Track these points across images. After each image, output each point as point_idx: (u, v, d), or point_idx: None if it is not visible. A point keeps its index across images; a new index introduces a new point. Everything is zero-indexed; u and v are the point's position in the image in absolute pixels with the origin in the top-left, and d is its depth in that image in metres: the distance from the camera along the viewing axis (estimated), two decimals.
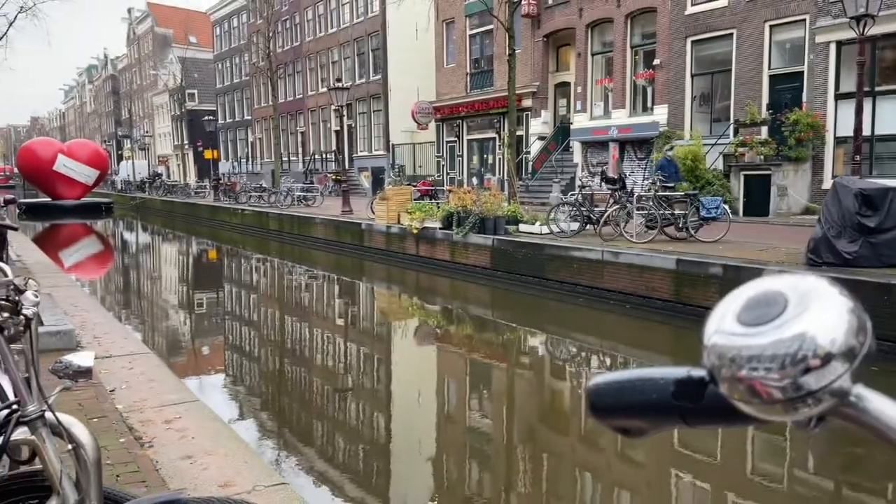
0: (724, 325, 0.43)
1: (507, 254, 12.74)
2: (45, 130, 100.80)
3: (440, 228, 14.49)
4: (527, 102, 22.91)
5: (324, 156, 37.23)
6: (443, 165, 27.67)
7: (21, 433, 1.38)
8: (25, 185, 39.55)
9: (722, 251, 10.12)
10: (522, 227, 13.43)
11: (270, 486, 3.21)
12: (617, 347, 9.41)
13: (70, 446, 1.43)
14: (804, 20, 15.71)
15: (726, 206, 11.93)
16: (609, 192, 12.45)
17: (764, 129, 16.27)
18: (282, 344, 10.24)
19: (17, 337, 1.42)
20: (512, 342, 10.06)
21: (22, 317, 1.40)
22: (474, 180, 25.30)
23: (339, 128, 31.52)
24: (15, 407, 1.38)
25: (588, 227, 12.57)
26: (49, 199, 35.16)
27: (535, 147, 23.11)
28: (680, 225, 11.69)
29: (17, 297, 1.38)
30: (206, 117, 39.71)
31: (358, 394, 7.52)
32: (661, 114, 18.95)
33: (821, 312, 0.41)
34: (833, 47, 15.08)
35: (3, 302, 1.38)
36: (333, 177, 32.01)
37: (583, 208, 12.70)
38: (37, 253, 13.29)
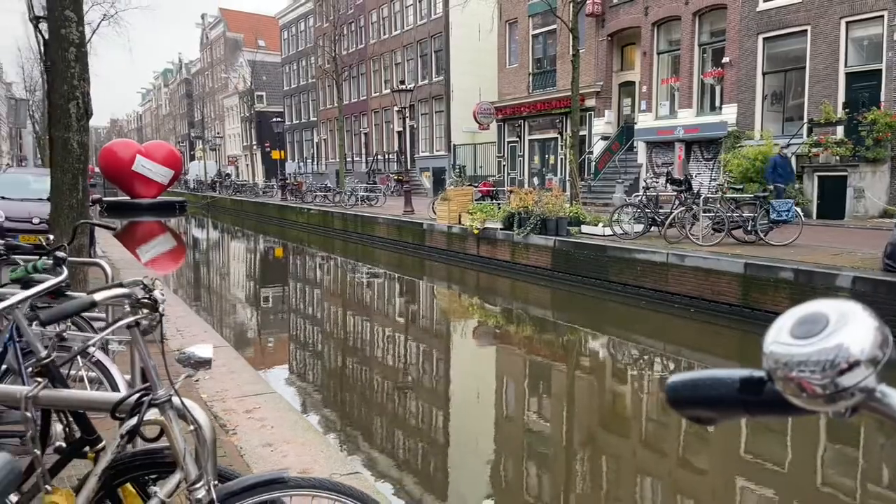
0: (779, 338, 0.56)
1: (568, 255, 12.72)
2: (123, 132, 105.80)
3: (501, 229, 14.58)
4: (590, 102, 22.71)
5: (386, 156, 37.83)
6: (503, 166, 27.71)
7: (152, 414, 1.58)
8: (105, 183, 41.62)
9: (793, 255, 9.85)
10: (585, 228, 13.38)
11: (346, 474, 3.39)
12: (680, 351, 9.30)
13: (192, 427, 1.62)
14: (882, 17, 15.06)
15: (798, 209, 11.59)
16: (674, 193, 12.28)
17: (839, 129, 15.67)
18: (346, 341, 10.55)
19: (150, 330, 1.63)
20: (572, 344, 10.07)
21: (157, 313, 1.61)
22: (535, 181, 25.24)
23: (401, 129, 32.00)
24: (146, 392, 1.59)
25: (652, 229, 12.43)
26: (128, 198, 36.93)
27: (598, 147, 22.88)
28: (749, 228, 11.42)
29: (154, 296, 1.59)
30: (273, 119, 40.94)
31: (419, 391, 7.71)
32: (729, 113, 18.48)
33: (853, 330, 0.55)
34: None
35: (146, 300, 1.59)
36: (395, 177, 32.51)
37: (647, 210, 12.56)
38: (119, 249, 14.08)
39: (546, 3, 18.73)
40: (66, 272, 2.43)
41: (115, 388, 2.78)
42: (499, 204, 16.69)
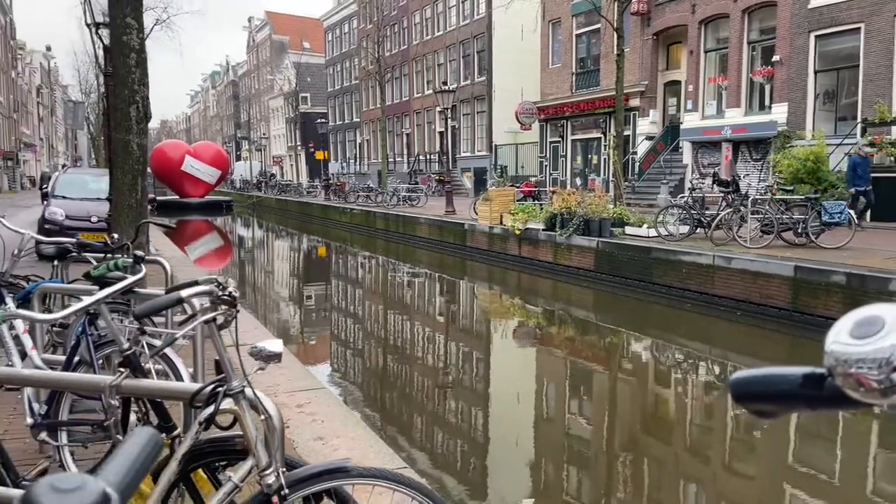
0: (839, 338, 0.62)
1: (611, 256, 12.63)
2: (172, 133, 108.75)
3: (543, 230, 14.56)
4: (634, 102, 22.46)
5: (428, 156, 38.04)
6: (545, 166, 27.59)
7: (226, 404, 1.69)
8: (155, 183, 42.80)
9: (846, 259, 9.61)
10: (629, 229, 13.27)
11: (395, 469, 3.48)
12: (726, 355, 9.16)
13: (262, 417, 1.73)
14: None
15: (851, 212, 11.28)
16: (721, 194, 12.08)
17: (894, 129, 15.17)
18: (389, 339, 10.70)
19: (226, 325, 1.74)
20: (615, 346, 10.01)
21: (235, 309, 1.73)
22: (578, 181, 25.06)
23: (443, 129, 32.13)
24: (221, 382, 1.70)
25: (698, 230, 12.26)
26: (177, 197, 37.93)
27: (643, 147, 22.61)
28: (799, 230, 11.16)
29: (231, 293, 1.70)
30: (317, 120, 41.59)
31: (461, 391, 7.78)
32: (779, 112, 18.05)
33: None
34: None
35: (226, 297, 1.71)
36: (437, 177, 32.66)
37: (693, 211, 12.39)
38: (171, 247, 14.52)
39: (590, 3, 18.60)
40: (143, 270, 2.59)
41: (179, 379, 2.92)
42: (541, 204, 16.65)
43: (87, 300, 2.04)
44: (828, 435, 6.11)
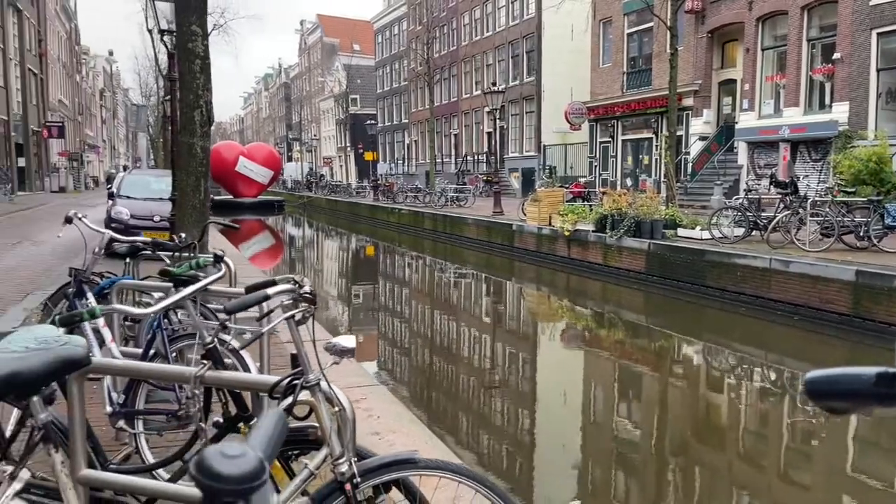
0: None
1: (663, 258, 12.46)
2: (226, 134, 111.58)
3: (593, 231, 14.45)
4: (688, 101, 22.04)
5: (475, 157, 38.10)
6: (595, 166, 27.32)
7: (303, 395, 1.79)
8: (210, 182, 44.00)
9: None
10: (681, 231, 13.06)
11: None
12: (783, 360, 8.95)
13: (336, 408, 1.83)
14: None
15: None
16: (779, 196, 11.79)
17: None
18: (437, 339, 10.80)
19: (304, 321, 1.85)
20: (666, 349, 9.89)
21: (313, 306, 1.83)
22: (628, 182, 24.74)
23: (491, 129, 32.13)
24: (297, 375, 1.80)
25: (754, 233, 11.99)
26: (231, 197, 38.97)
27: (696, 148, 22.17)
28: (861, 233, 10.81)
29: (309, 291, 1.81)
30: (367, 121, 42.07)
31: (510, 392, 7.82)
32: (840, 111, 17.46)
33: None
34: None
35: (307, 295, 1.81)
36: (484, 178, 32.69)
37: (749, 213, 12.12)
38: (228, 245, 14.96)
39: (643, 1, 18.36)
40: (223, 269, 2.73)
41: (247, 371, 3.06)
42: (590, 205, 16.52)
43: (176, 295, 2.18)
44: (889, 445, 5.93)
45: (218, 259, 2.98)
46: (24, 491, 1.64)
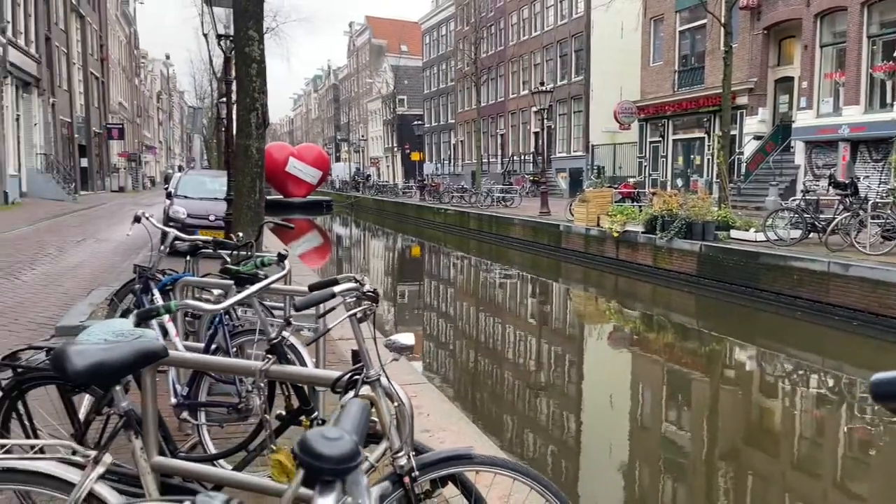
0: None
1: (715, 261, 12.21)
2: (276, 135, 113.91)
3: (642, 232, 14.25)
4: (742, 100, 21.50)
5: (522, 157, 37.95)
6: (645, 167, 26.91)
7: (364, 390, 1.86)
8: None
9: None
10: (734, 233, 12.78)
11: None
12: (841, 367, 8.68)
13: (395, 404, 1.89)
14: None
15: None
16: (838, 197, 11.42)
17: None
18: (483, 339, 10.83)
19: (365, 319, 1.92)
20: (718, 353, 9.69)
21: (375, 304, 1.90)
22: (679, 182, 24.29)
23: (538, 129, 31.97)
24: (359, 371, 1.87)
25: (811, 235, 11.64)
26: (281, 197, 39.77)
27: (750, 147, 21.61)
28: None
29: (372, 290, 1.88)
30: (414, 122, 42.38)
31: (553, 393, 7.79)
32: None
33: None
34: None
35: (370, 293, 1.88)
36: (531, 178, 32.54)
37: (806, 215, 11.78)
38: (278, 244, 15.29)
39: None
40: (287, 267, 2.83)
41: (303, 366, 3.15)
42: (640, 206, 16.29)
43: (244, 292, 2.28)
44: None
45: (282, 258, 3.08)
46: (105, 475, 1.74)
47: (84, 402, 2.83)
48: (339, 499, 0.67)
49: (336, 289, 1.88)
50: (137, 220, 4.39)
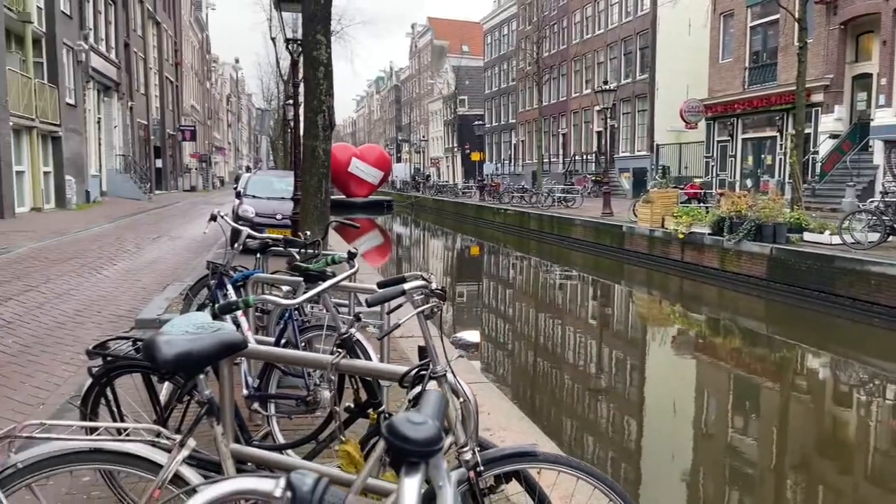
0: None
1: (787, 264, 11.78)
2: (339, 136, 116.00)
3: (709, 234, 13.87)
4: (817, 97, 20.62)
5: (584, 157, 37.48)
6: (712, 167, 26.14)
7: (430, 385, 1.91)
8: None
9: None
10: (807, 235, 12.29)
11: None
12: None
13: (461, 399, 1.93)
14: None
15: None
16: None
17: None
18: (543, 341, 10.76)
19: (432, 315, 1.97)
20: (787, 361, 9.34)
21: (443, 301, 1.95)
22: (748, 182, 23.49)
23: (601, 129, 31.49)
24: (425, 366, 1.92)
25: (890, 238, 11.10)
26: (343, 197, 40.50)
27: (825, 147, 20.70)
28: None
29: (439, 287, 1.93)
30: (474, 122, 42.41)
31: (614, 398, 7.67)
32: None
33: None
34: None
35: (438, 291, 1.94)
36: (593, 178, 32.09)
37: (885, 217, 11.24)
38: (341, 242, 15.61)
39: None
40: (356, 265, 2.92)
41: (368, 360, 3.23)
42: (706, 207, 15.86)
43: (317, 288, 2.37)
44: None
45: (352, 256, 3.17)
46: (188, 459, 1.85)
47: (164, 390, 2.99)
48: (423, 480, 0.72)
49: (406, 286, 1.94)
50: (213, 218, 4.59)
